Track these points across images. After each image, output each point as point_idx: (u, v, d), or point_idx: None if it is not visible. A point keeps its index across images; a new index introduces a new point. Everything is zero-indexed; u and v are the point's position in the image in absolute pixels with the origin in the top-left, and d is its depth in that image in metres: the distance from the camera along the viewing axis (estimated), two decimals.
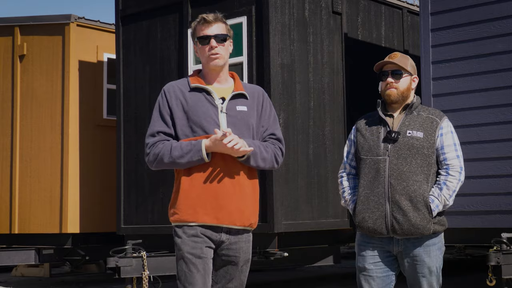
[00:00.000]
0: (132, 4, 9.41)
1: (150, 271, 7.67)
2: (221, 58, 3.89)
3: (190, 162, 3.78)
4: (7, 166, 10.45)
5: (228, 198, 3.80)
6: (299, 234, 8.32)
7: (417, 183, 4.03)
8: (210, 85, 3.93)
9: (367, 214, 4.08)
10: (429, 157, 4.08)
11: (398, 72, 4.14)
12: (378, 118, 4.19)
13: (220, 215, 3.80)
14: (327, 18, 8.75)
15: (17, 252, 10.16)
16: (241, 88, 3.95)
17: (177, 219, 3.86)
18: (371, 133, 4.16)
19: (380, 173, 4.06)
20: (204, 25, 3.90)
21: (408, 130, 4.09)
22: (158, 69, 9.06)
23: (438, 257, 4.14)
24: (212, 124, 3.82)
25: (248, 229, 3.92)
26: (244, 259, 3.91)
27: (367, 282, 4.13)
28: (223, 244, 3.86)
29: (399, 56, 4.20)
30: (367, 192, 4.10)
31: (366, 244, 4.16)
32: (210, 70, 3.93)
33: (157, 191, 8.88)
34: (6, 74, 10.62)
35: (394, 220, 4.02)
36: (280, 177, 7.97)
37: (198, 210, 3.80)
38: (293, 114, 8.23)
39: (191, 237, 3.80)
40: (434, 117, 4.16)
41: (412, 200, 4.01)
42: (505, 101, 7.15)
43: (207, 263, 3.81)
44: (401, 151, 4.06)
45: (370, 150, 4.13)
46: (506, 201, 7.09)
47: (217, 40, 3.87)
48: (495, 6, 7.24)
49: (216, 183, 3.80)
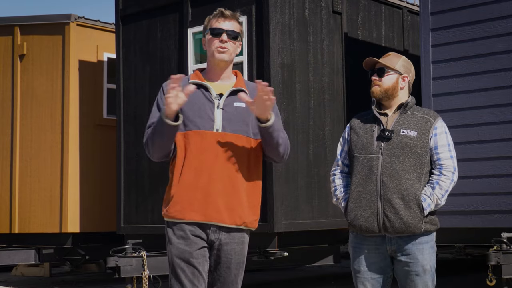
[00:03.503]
0: (132, 4, 9.41)
1: (150, 271, 7.67)
2: (227, 53, 3.86)
3: (162, 133, 3.72)
4: (7, 165, 10.45)
5: (217, 195, 3.73)
6: (299, 234, 8.33)
7: (409, 181, 4.03)
8: (212, 81, 3.91)
9: (359, 212, 4.08)
10: (422, 156, 4.09)
11: (381, 70, 4.19)
12: (372, 116, 4.21)
13: (207, 212, 3.73)
14: (327, 17, 8.75)
15: (17, 251, 10.16)
16: (241, 85, 3.91)
17: (166, 215, 3.82)
18: (365, 131, 4.18)
19: (372, 171, 4.07)
20: (220, 19, 3.88)
21: (402, 129, 4.10)
22: (158, 69, 9.06)
23: (432, 255, 4.13)
24: (206, 119, 3.78)
25: (242, 229, 3.83)
26: (237, 261, 3.82)
27: (363, 284, 4.13)
28: (214, 244, 3.78)
29: (391, 55, 4.26)
30: (360, 190, 4.10)
31: (361, 246, 4.15)
32: (215, 65, 3.90)
33: (157, 191, 8.88)
34: (6, 74, 10.62)
35: (385, 218, 4.02)
36: (280, 177, 7.97)
37: (185, 207, 3.74)
38: (293, 114, 8.23)
39: (180, 239, 3.75)
40: (428, 117, 4.18)
41: (404, 199, 4.01)
42: (505, 101, 7.15)
43: (197, 266, 3.73)
44: (394, 149, 4.07)
45: (364, 148, 4.14)
46: (506, 201, 7.09)
47: (228, 36, 3.86)
48: (495, 6, 7.24)
49: (206, 180, 3.73)
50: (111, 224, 9.70)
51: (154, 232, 8.73)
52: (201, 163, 3.75)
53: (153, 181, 8.96)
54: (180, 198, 3.77)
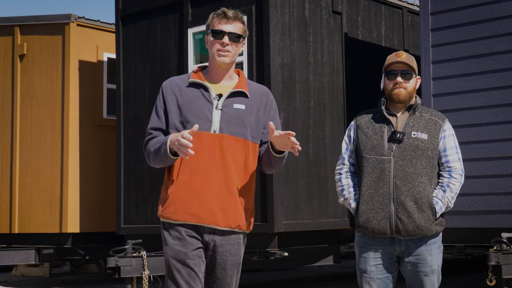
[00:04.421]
0: (132, 4, 9.41)
1: (150, 271, 7.67)
2: (229, 56, 3.81)
3: (162, 159, 3.73)
4: (7, 165, 10.45)
5: (211, 198, 3.70)
6: (299, 234, 8.32)
7: (422, 184, 4.03)
8: (213, 81, 3.86)
9: (372, 214, 4.06)
10: (433, 159, 4.09)
11: (408, 72, 4.12)
12: (380, 116, 4.16)
13: (201, 214, 3.70)
14: (327, 17, 8.75)
15: (17, 251, 10.16)
16: (242, 86, 3.86)
17: (161, 215, 3.81)
18: (374, 132, 4.13)
19: (385, 174, 4.05)
20: (223, 20, 3.81)
21: (413, 131, 4.08)
22: (158, 69, 9.06)
23: (439, 255, 4.15)
24: (203, 120, 3.73)
25: (237, 231, 3.79)
26: (232, 262, 3.79)
27: (368, 284, 4.12)
28: (209, 246, 3.76)
29: (406, 55, 4.17)
30: (371, 192, 4.07)
31: (368, 246, 4.14)
32: (216, 66, 3.85)
33: (157, 191, 8.86)
34: (6, 74, 10.62)
35: (398, 221, 4.01)
36: (280, 177, 7.97)
37: (180, 208, 3.72)
38: (293, 114, 8.23)
39: (176, 240, 3.74)
40: (436, 119, 4.16)
41: (417, 202, 4.01)
42: (505, 101, 7.15)
43: (193, 267, 3.71)
44: (406, 152, 4.05)
45: (374, 149, 4.10)
46: (506, 201, 7.09)
47: (230, 38, 3.79)
48: (495, 6, 7.24)
49: (202, 182, 3.71)
50: (111, 224, 9.70)
51: (154, 232, 8.71)
52: (197, 164, 3.72)
53: (153, 181, 8.96)
54: (175, 198, 3.75)
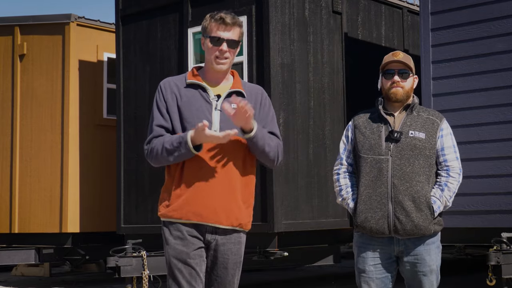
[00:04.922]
0: (132, 4, 9.41)
1: (150, 271, 7.67)
2: (226, 64, 3.82)
3: (181, 156, 3.70)
4: (7, 165, 10.45)
5: (215, 196, 3.71)
6: (299, 234, 8.32)
7: (420, 184, 4.03)
8: (209, 82, 3.87)
9: (370, 214, 4.06)
10: (431, 158, 4.09)
11: (405, 71, 4.13)
12: (377, 116, 4.16)
13: (204, 213, 3.71)
14: (327, 17, 8.75)
15: (17, 251, 10.16)
16: (238, 86, 3.88)
17: (162, 214, 3.81)
18: (371, 131, 4.13)
19: (382, 173, 4.05)
20: (221, 26, 3.79)
21: (410, 130, 4.08)
22: (158, 69, 9.07)
23: (437, 255, 4.15)
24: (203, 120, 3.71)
25: (238, 230, 3.82)
26: (233, 261, 3.81)
27: (367, 283, 4.12)
28: (211, 245, 3.77)
29: (403, 55, 4.17)
30: (369, 191, 4.07)
31: (367, 246, 4.14)
32: (212, 69, 3.86)
33: (157, 191, 8.84)
34: (6, 74, 10.62)
35: (396, 220, 4.01)
36: (280, 177, 7.97)
37: (182, 207, 3.73)
38: (293, 114, 8.23)
39: (177, 240, 3.74)
40: (434, 118, 4.16)
41: (415, 201, 4.01)
42: (505, 101, 7.15)
43: (195, 267, 3.73)
44: (404, 151, 4.05)
45: (371, 148, 4.10)
46: (506, 201, 7.09)
47: (228, 45, 3.79)
48: (495, 6, 7.24)
49: (204, 181, 3.72)
50: (111, 224, 9.70)
51: (154, 232, 8.72)
52: (198, 164, 3.73)
53: (153, 181, 8.96)
54: (177, 198, 3.76)
